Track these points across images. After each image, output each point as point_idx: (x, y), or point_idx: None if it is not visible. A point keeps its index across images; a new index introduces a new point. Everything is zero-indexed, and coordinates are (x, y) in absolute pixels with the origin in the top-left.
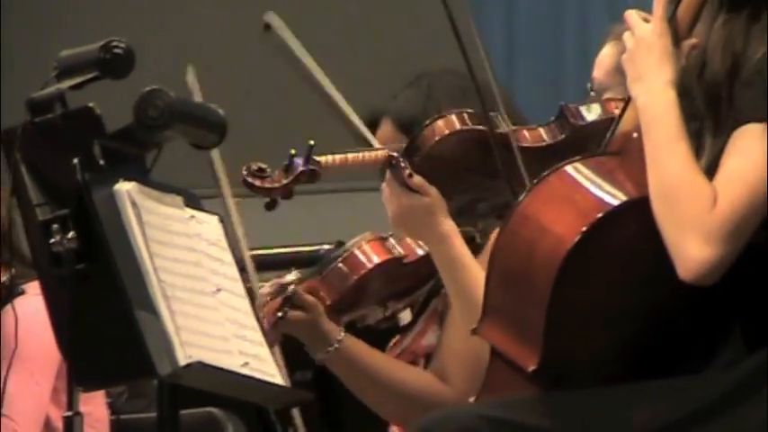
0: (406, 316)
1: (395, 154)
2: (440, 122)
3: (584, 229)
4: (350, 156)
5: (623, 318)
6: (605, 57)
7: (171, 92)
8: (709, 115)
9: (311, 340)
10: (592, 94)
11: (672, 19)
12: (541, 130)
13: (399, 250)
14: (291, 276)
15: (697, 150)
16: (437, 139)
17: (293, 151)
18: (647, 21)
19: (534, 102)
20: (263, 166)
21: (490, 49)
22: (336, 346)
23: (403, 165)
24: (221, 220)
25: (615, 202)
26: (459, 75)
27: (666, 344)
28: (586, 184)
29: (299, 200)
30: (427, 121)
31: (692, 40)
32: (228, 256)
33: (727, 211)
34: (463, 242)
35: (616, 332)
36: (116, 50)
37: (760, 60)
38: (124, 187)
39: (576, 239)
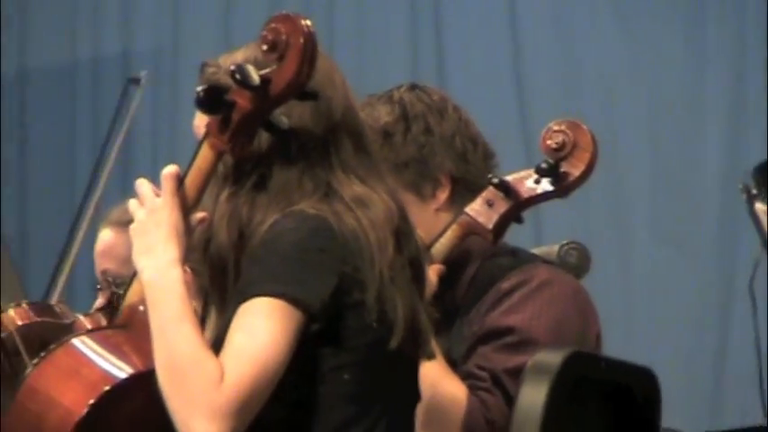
0: None
1: None
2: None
3: (91, 401)
4: None
5: None
6: (116, 246)
7: None
8: (215, 290)
9: None
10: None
11: (179, 191)
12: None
13: None
14: None
15: (203, 325)
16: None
17: None
18: (157, 194)
19: None
20: None
21: None
22: None
23: None
24: None
25: (122, 375)
26: None
27: None
28: (93, 357)
29: None
30: None
31: (200, 214)
32: None
33: (233, 388)
34: None
35: None
36: None
37: (266, 232)
38: None
39: (84, 412)
